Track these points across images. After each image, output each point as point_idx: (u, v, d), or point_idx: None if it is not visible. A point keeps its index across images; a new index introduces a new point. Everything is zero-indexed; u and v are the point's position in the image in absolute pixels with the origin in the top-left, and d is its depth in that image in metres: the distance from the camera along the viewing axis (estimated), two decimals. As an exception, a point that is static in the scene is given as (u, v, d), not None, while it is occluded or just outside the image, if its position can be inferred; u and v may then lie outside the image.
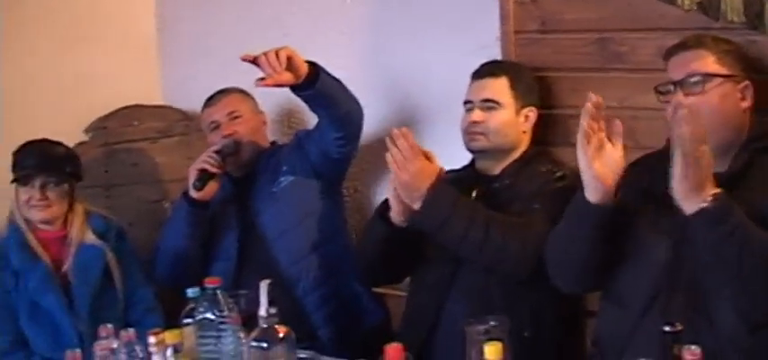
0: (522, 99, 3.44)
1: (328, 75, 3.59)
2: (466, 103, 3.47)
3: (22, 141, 3.69)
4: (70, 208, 3.67)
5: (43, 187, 3.57)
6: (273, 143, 4.09)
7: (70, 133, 4.29)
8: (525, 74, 3.50)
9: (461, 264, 3.33)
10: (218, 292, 2.86)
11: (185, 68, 4.72)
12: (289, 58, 3.42)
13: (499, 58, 3.67)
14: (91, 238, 3.67)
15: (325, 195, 3.89)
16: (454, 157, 3.58)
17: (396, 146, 3.20)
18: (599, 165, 2.69)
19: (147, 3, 4.77)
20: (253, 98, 4.02)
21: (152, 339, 2.64)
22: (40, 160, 3.58)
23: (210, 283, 2.90)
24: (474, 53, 3.73)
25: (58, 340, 3.53)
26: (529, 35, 3.64)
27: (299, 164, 3.85)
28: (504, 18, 3.67)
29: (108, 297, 3.65)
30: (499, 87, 3.42)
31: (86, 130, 4.49)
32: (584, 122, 2.68)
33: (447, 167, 3.50)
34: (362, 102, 4.05)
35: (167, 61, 4.79)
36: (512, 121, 3.42)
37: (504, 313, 2.67)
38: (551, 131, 3.60)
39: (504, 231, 3.17)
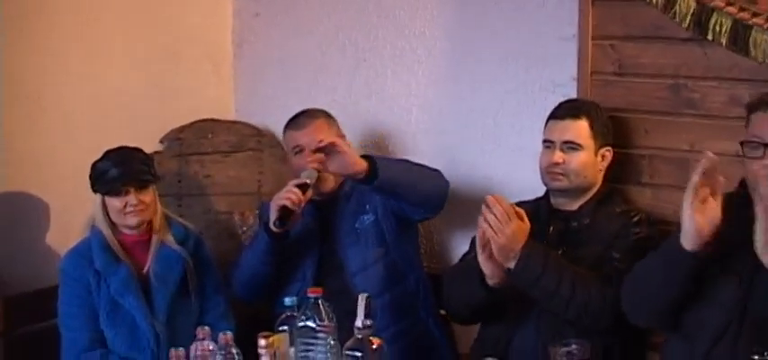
0: (600, 139, 3.52)
1: (397, 163, 3.78)
2: (545, 141, 3.54)
3: (101, 149, 3.73)
4: (154, 211, 3.75)
5: (137, 193, 3.63)
6: None
7: (146, 142, 4.31)
8: (602, 114, 3.57)
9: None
10: (320, 301, 2.95)
11: (259, 85, 4.79)
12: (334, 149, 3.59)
13: (573, 95, 3.74)
14: (172, 242, 3.74)
15: (402, 232, 3.94)
16: (524, 187, 3.69)
17: (492, 212, 3.27)
18: (700, 216, 2.79)
19: (225, 19, 4.85)
20: (336, 122, 4.02)
21: (262, 342, 2.72)
22: (128, 168, 3.64)
23: (312, 292, 2.98)
24: (548, 90, 3.84)
25: (136, 341, 3.62)
26: (605, 76, 3.72)
27: (380, 207, 3.89)
28: (581, 58, 3.74)
29: (184, 301, 3.72)
30: (580, 130, 3.49)
31: (162, 140, 4.58)
32: (696, 178, 2.77)
33: (516, 199, 3.58)
34: (436, 129, 4.17)
35: (241, 77, 4.85)
36: (591, 162, 3.50)
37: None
38: (623, 171, 3.67)
39: (588, 289, 3.26)
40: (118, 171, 3.62)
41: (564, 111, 3.54)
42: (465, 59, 4.16)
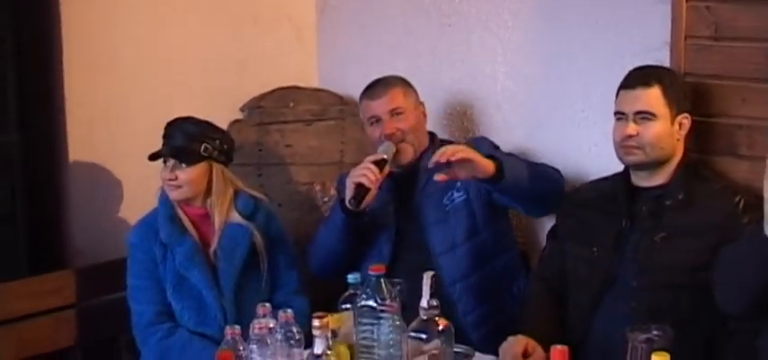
0: (677, 106, 3.32)
1: (517, 162, 3.60)
2: (617, 113, 3.37)
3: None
4: (208, 189, 3.66)
5: (173, 168, 3.58)
6: (432, 136, 3.95)
7: (226, 111, 4.36)
8: (677, 79, 3.39)
9: (618, 274, 3.28)
10: (382, 280, 2.83)
11: (343, 52, 4.71)
12: (464, 159, 3.40)
13: (667, 62, 3.56)
14: (236, 218, 3.65)
15: (495, 215, 3.80)
16: (612, 161, 3.49)
17: None
18: None
19: (308, -18, 4.79)
20: (414, 90, 3.89)
21: (316, 322, 2.62)
22: (170, 141, 3.59)
23: (374, 270, 2.86)
24: (640, 55, 3.64)
25: (203, 315, 3.57)
26: (700, 41, 3.52)
27: (472, 186, 3.72)
28: (675, 22, 3.55)
29: (253, 277, 3.65)
30: (653, 98, 3.29)
31: (242, 109, 4.52)
32: None
33: (605, 170, 3.49)
34: (522, 97, 4.06)
35: (325, 44, 4.78)
36: (667, 132, 3.30)
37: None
38: (715, 141, 3.49)
39: None
40: (163, 141, 3.60)
41: (634, 79, 3.34)
42: (553, 24, 4.01)
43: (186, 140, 3.58)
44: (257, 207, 3.73)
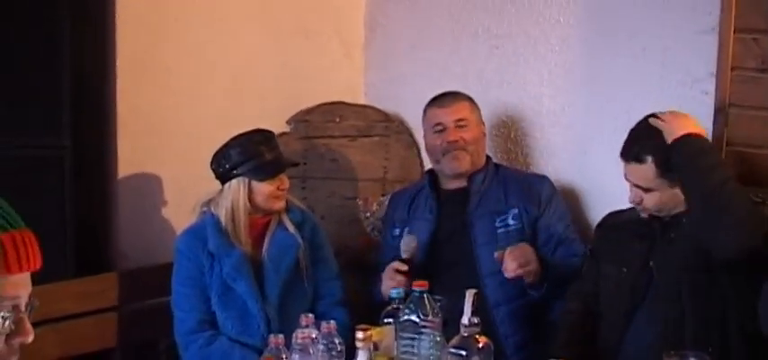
0: (673, 173, 3.26)
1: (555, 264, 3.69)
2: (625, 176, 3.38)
3: (226, 127, 3.72)
4: None
5: (283, 176, 3.67)
6: (488, 159, 4.02)
7: (272, 122, 4.32)
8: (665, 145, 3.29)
9: (654, 286, 3.30)
10: (426, 295, 2.86)
11: (390, 71, 4.74)
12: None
13: (712, 92, 3.60)
14: (289, 225, 3.70)
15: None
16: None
17: None
18: None
19: (358, 2, 4.80)
20: (479, 109, 4.00)
21: (360, 335, 2.67)
22: (280, 152, 3.69)
23: (418, 285, 2.90)
24: (685, 85, 3.69)
25: (246, 324, 3.60)
26: (746, 72, 3.55)
27: (525, 216, 3.82)
28: (721, 52, 3.57)
29: (297, 287, 3.68)
30: (646, 174, 3.27)
31: (289, 121, 4.55)
32: None
33: None
34: (567, 121, 4.10)
35: (372, 62, 4.81)
36: (667, 195, 3.28)
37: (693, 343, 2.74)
38: (759, 171, 3.51)
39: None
40: (273, 155, 3.65)
41: (628, 152, 3.34)
42: (599, 50, 4.03)
43: (281, 150, 3.71)
44: (304, 218, 3.78)
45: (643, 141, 3.31)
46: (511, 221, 3.81)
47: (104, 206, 4.13)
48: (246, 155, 3.61)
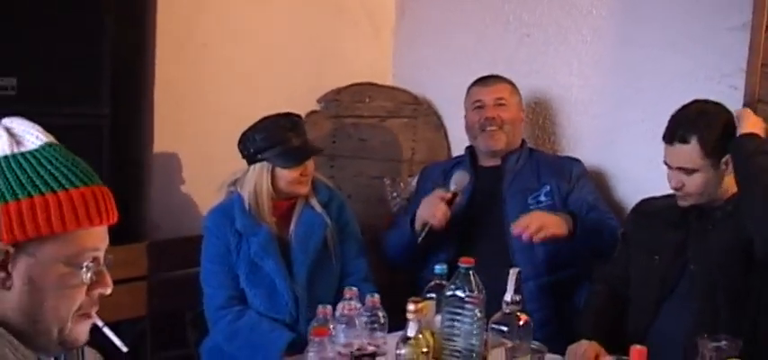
0: (717, 154, 3.29)
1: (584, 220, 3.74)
2: (665, 162, 3.39)
3: (257, 104, 3.75)
4: None
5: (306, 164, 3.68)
6: (522, 142, 4.11)
7: (302, 101, 4.42)
8: (714, 127, 3.31)
9: (687, 278, 3.34)
10: (471, 272, 2.90)
11: (419, 53, 4.79)
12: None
13: (741, 88, 3.62)
14: (316, 204, 3.73)
15: None
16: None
17: None
18: None
19: (389, -17, 4.86)
20: (519, 94, 4.10)
21: (411, 307, 2.72)
22: (306, 139, 3.69)
23: (464, 262, 2.93)
24: (714, 80, 3.73)
25: (274, 301, 3.63)
26: (776, 69, 3.58)
27: (557, 193, 3.90)
28: (752, 49, 3.60)
29: (325, 265, 3.72)
30: (690, 155, 3.29)
31: (319, 100, 4.62)
32: None
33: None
34: (595, 111, 4.13)
35: (402, 44, 4.87)
36: (711, 178, 3.31)
37: (725, 325, 2.80)
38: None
39: None
40: (300, 141, 3.65)
41: (673, 134, 3.34)
42: (630, 42, 4.07)
43: (308, 137, 3.72)
44: (332, 196, 3.81)
45: (688, 123, 3.32)
46: (543, 198, 3.90)
47: (139, 176, 4.20)
48: (272, 140, 3.61)
